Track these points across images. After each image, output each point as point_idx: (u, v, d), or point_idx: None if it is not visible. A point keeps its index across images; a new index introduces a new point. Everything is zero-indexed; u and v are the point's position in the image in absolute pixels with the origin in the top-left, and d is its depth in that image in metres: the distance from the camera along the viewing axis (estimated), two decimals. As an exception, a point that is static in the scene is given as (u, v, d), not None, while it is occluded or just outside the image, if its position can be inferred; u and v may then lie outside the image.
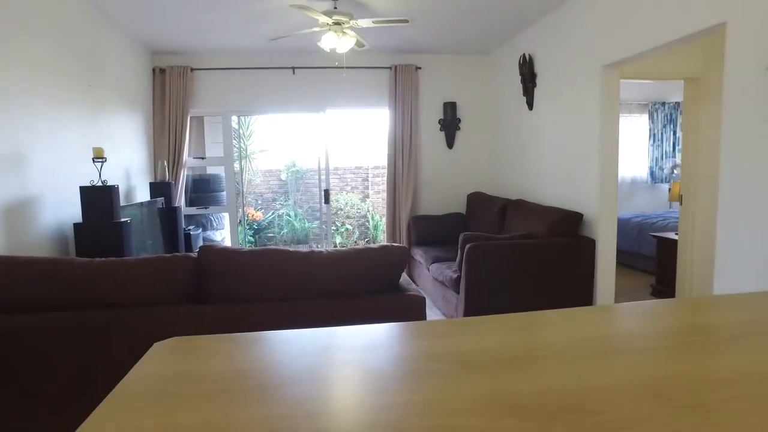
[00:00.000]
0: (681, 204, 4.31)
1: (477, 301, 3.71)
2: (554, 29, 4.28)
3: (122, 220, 3.29)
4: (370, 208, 9.99)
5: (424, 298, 2.20)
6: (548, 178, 4.51)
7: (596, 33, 3.69)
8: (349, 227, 9.98)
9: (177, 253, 2.16)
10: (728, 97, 2.66)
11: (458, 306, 3.89)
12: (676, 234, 4.68)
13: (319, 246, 9.25)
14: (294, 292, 2.16)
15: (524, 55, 4.73)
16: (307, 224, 9.38)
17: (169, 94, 5.19)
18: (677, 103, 7.09)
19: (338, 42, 3.59)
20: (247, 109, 5.58)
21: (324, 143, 5.78)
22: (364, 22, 3.56)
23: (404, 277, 2.45)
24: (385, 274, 2.27)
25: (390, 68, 5.64)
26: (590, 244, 3.85)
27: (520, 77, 4.86)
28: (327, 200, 5.90)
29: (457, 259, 3.91)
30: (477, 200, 5.60)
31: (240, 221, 7.04)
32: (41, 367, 1.97)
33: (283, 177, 9.40)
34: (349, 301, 2.16)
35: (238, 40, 4.88)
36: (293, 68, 5.47)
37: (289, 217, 9.25)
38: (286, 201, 9.40)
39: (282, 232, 9.21)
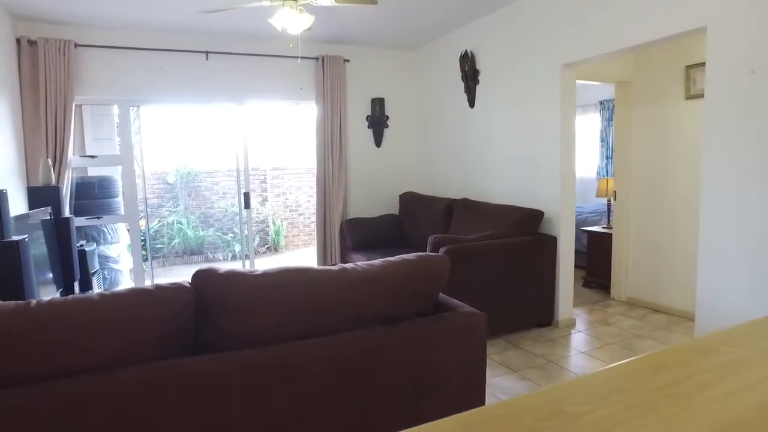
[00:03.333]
0: (615, 199, 4.54)
1: (451, 308, 3.46)
2: (503, 26, 4.22)
3: (17, 238, 2.41)
4: (270, 213, 9.29)
5: (485, 316, 1.87)
6: (499, 177, 4.44)
7: (557, 32, 3.68)
8: (244, 233, 9.14)
9: (162, 284, 1.54)
10: (710, 99, 2.75)
11: (428, 315, 3.61)
12: (604, 227, 4.95)
13: (217, 256, 8.32)
14: (329, 324, 1.68)
15: (466, 51, 4.62)
16: (201, 232, 8.38)
17: (46, 76, 4.11)
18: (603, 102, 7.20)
19: (295, 20, 3.07)
20: (150, 98, 4.68)
21: (243, 140, 5.09)
22: (326, 0, 3.10)
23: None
24: (429, 290, 1.89)
25: (317, 59, 5.16)
26: (552, 242, 3.84)
27: (461, 74, 4.74)
28: (248, 204, 5.22)
29: (426, 265, 3.62)
30: (411, 200, 5.38)
31: (144, 234, 5.95)
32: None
33: (171, 180, 8.27)
34: (402, 327, 1.74)
35: (138, 11, 4.01)
36: (207, 52, 4.71)
37: (181, 225, 8.17)
38: (175, 207, 8.28)
39: (173, 242, 8.10)
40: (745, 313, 2.66)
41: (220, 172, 8.62)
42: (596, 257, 4.89)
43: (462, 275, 3.46)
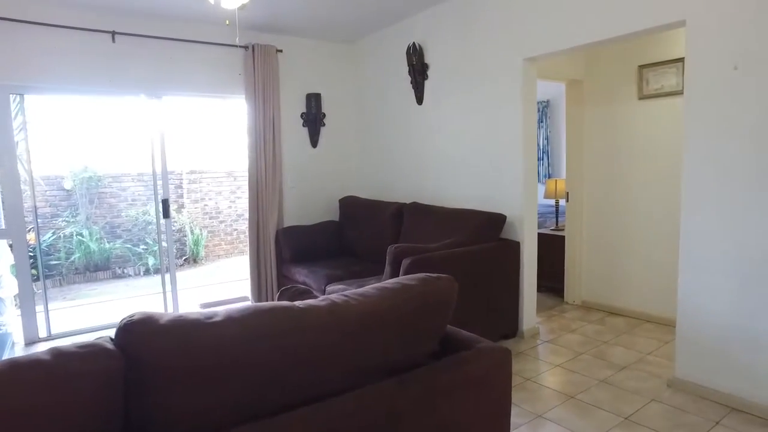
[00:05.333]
0: (567, 201, 4.43)
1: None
2: (456, 16, 3.93)
3: None
4: (188, 221, 8.42)
5: (510, 352, 1.50)
6: (452, 179, 4.15)
7: (519, 23, 3.44)
8: (163, 244, 8.20)
9: (67, 349, 1.00)
10: (691, 97, 2.62)
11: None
12: (553, 230, 4.85)
13: (127, 271, 7.34)
14: (325, 384, 1.22)
15: (414, 44, 4.28)
16: (107, 245, 7.35)
17: None
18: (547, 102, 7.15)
19: (233, -9, 2.54)
20: (38, 85, 3.83)
21: (160, 140, 4.37)
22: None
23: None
24: (439, 323, 1.50)
25: (246, 48, 4.57)
26: (515, 248, 3.60)
27: (407, 68, 4.39)
28: (167, 213, 4.50)
29: (386, 278, 3.22)
30: (353, 205, 4.96)
31: (34, 250, 4.95)
32: None
33: (68, 186, 7.16)
34: (418, 378, 1.32)
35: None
36: (113, 33, 3.96)
37: (82, 237, 7.11)
38: (74, 217, 7.19)
39: (72, 257, 7.01)
40: (730, 318, 2.54)
41: (128, 176, 7.63)
42: (547, 260, 4.75)
43: (427, 289, 3.09)
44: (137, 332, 1.01)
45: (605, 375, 2.97)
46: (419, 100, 4.40)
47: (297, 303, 1.29)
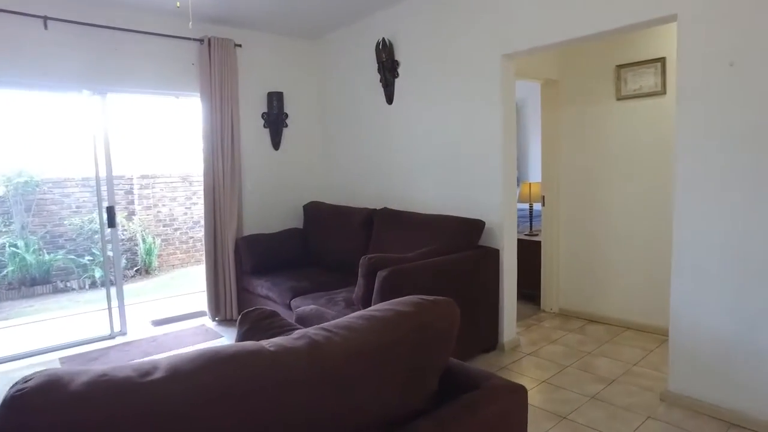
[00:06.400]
0: (543, 205, 4.28)
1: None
2: (429, 10, 3.71)
3: None
4: (140, 229, 7.87)
5: (526, 390, 1.25)
6: (426, 183, 3.91)
7: (497, 17, 3.24)
8: (109, 254, 7.60)
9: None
10: (683, 95, 2.48)
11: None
12: (527, 235, 4.69)
13: (71, 285, 6.73)
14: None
15: (383, 39, 4.03)
16: (47, 256, 6.73)
17: None
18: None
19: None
20: (-43, 80, 3.36)
21: (104, 141, 3.93)
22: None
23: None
24: (442, 357, 1.23)
25: (201, 41, 4.20)
26: (495, 255, 3.40)
27: (377, 65, 4.14)
28: (112, 222, 4.06)
29: (359, 292, 2.94)
30: (319, 212, 4.65)
31: None
32: None
33: (0, 192, 6.51)
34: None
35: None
36: (45, 18, 3.51)
37: (16, 248, 6.47)
38: (6, 226, 6.54)
39: (5, 271, 6.36)
40: (726, 327, 2.41)
41: (72, 181, 7.03)
42: (522, 267, 4.58)
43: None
44: (33, 408, 0.70)
45: (595, 390, 2.79)
46: (389, 99, 4.15)
47: (266, 344, 1.00)
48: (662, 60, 3.48)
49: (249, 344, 0.98)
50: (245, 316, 1.87)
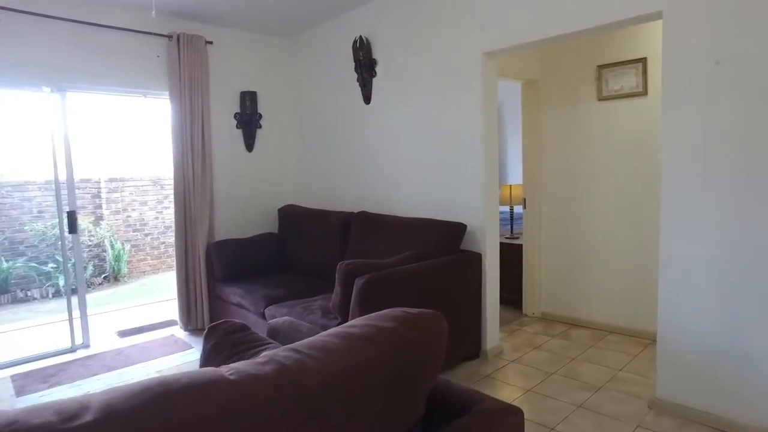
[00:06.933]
0: (524, 207, 4.21)
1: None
2: (407, 6, 3.59)
3: None
4: (108, 234, 7.56)
5: (522, 413, 1.13)
6: (405, 185, 3.79)
7: (478, 13, 3.14)
8: (71, 261, 7.26)
9: None
10: (669, 94, 2.41)
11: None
12: (508, 238, 4.61)
13: (32, 294, 6.39)
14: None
15: (361, 37, 3.90)
16: (5, 264, 6.39)
17: None
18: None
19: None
20: None
21: (64, 142, 3.70)
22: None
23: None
24: (427, 376, 1.10)
25: (170, 37, 4.00)
26: (477, 260, 3.29)
27: (354, 64, 4.00)
28: (73, 228, 3.82)
29: (336, 300, 2.80)
30: (295, 216, 4.48)
31: None
32: None
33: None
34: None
35: None
36: (-2, 13, 3.28)
37: (-27, 256, 6.11)
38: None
39: (-41, 281, 6.00)
40: (715, 332, 2.34)
41: (34, 185, 6.69)
42: (503, 270, 4.49)
43: (379, 307, 2.69)
44: None
45: (582, 398, 2.70)
46: (367, 99, 4.02)
47: (226, 372, 0.85)
48: (643, 60, 3.44)
49: (205, 372, 0.83)
50: (212, 329, 1.72)
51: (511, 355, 3.36)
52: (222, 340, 1.66)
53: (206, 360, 1.64)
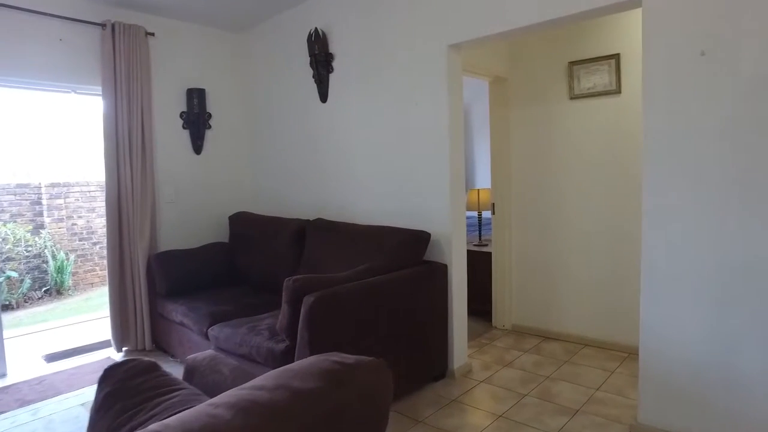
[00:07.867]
0: (493, 213, 3.96)
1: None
2: (365, -4, 3.31)
3: None
4: (49, 244, 6.99)
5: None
6: (364, 190, 3.49)
7: (442, 3, 2.88)
8: (14, 274, 6.67)
9: None
10: (650, 89, 2.19)
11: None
12: (476, 245, 4.37)
13: None
14: None
15: (316, 30, 3.59)
16: None
17: None
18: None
19: None
20: None
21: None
22: None
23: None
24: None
25: (103, 26, 3.59)
26: (442, 271, 3.01)
27: (309, 59, 3.69)
28: (-13, 240, 3.35)
29: (284, 321, 2.46)
30: (247, 224, 4.12)
31: None
32: None
33: None
34: None
35: None
36: None
37: None
38: None
39: None
40: (704, 351, 2.12)
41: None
42: (470, 280, 4.24)
43: (332, 329, 2.39)
44: None
45: (558, 424, 2.44)
46: (323, 97, 3.71)
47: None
48: (616, 57, 3.25)
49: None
50: (109, 372, 1.39)
51: (481, 375, 3.09)
52: (119, 388, 1.34)
53: (96, 413, 1.30)
